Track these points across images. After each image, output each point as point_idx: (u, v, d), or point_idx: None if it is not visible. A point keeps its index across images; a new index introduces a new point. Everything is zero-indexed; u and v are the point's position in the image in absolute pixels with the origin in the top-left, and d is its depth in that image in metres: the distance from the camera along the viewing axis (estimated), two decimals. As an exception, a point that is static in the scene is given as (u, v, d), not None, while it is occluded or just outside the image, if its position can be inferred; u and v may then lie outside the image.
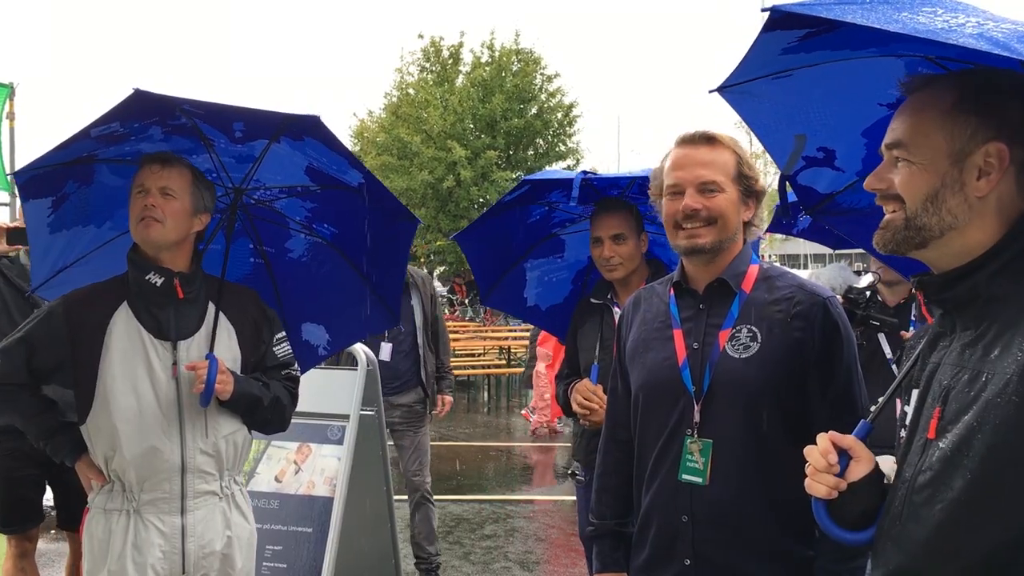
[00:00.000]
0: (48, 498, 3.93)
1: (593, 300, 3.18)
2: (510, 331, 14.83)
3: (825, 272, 3.83)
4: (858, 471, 1.39)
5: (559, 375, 3.39)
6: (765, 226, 2.12)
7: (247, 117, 2.33)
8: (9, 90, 6.64)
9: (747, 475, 1.94)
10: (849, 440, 1.40)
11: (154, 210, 2.31)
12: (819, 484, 1.40)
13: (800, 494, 1.93)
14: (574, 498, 7.54)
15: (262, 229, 2.78)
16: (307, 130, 2.37)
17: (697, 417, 1.97)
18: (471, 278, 27.90)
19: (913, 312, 3.50)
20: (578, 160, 24.94)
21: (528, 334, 10.71)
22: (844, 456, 1.39)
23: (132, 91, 2.06)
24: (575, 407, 3.04)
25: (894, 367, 3.43)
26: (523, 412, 11.16)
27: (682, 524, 1.98)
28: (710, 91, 1.72)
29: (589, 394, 2.99)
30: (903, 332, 3.40)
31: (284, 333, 2.64)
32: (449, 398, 5.42)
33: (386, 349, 4.91)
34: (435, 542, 5.14)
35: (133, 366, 2.35)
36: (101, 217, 2.57)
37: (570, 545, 6.14)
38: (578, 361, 3.22)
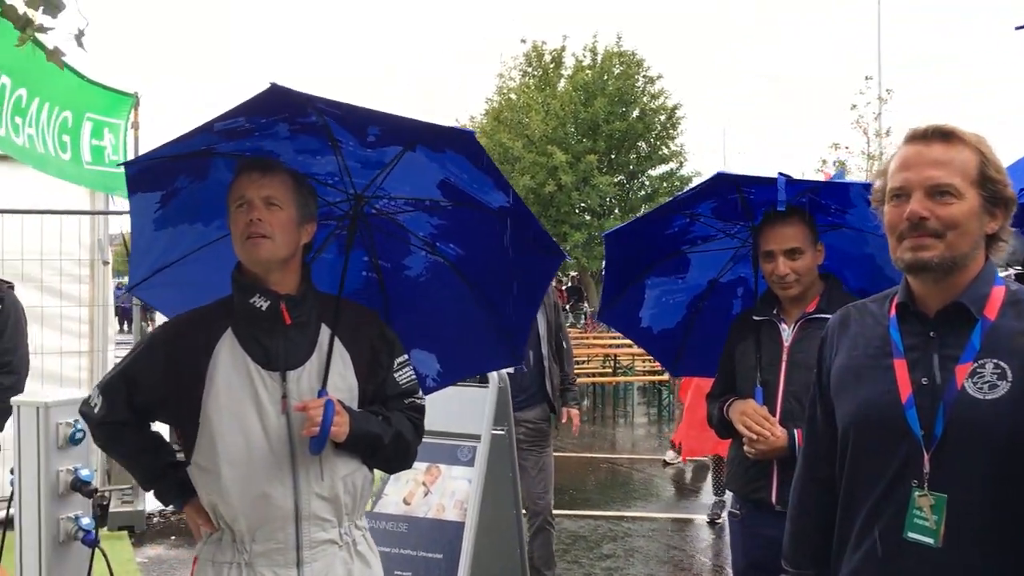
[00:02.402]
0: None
1: (756, 316, 2.87)
2: (613, 338, 14.40)
3: None
4: None
5: (711, 394, 3.11)
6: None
7: (385, 122, 2.09)
8: (134, 100, 6.72)
9: (990, 540, 1.64)
10: None
11: (261, 225, 2.07)
12: None
13: None
14: (692, 517, 7.29)
15: (379, 242, 2.52)
16: (452, 143, 2.13)
17: (927, 467, 1.67)
18: (573, 284, 27.72)
19: None
20: (681, 164, 24.45)
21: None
22: None
23: (268, 86, 1.85)
24: (742, 429, 2.74)
25: None
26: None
27: None
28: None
29: (759, 418, 2.70)
30: None
31: (406, 357, 2.35)
32: (576, 412, 5.24)
33: None
34: (553, 567, 4.96)
35: (240, 401, 2.10)
36: (210, 215, 2.35)
37: (696, 570, 5.82)
38: (734, 380, 2.94)
